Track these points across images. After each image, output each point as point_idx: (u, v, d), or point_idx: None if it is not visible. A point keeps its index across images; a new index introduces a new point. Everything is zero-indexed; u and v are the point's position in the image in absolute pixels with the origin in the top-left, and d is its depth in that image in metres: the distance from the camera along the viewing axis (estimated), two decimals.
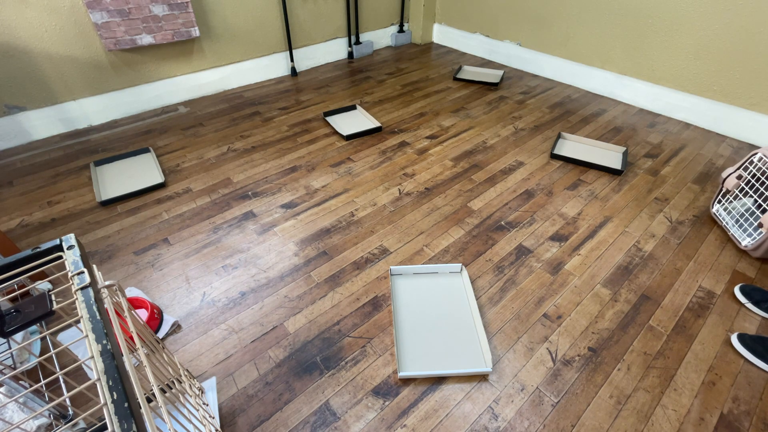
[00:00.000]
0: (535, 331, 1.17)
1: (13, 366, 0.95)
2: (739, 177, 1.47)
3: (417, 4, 3.09)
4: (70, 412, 0.91)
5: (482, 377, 1.06)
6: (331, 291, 1.28)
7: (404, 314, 1.20)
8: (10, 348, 0.96)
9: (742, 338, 1.11)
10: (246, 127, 2.13)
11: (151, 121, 2.19)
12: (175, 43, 2.21)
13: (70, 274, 0.53)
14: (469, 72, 2.76)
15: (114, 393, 0.41)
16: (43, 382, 0.53)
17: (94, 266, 0.64)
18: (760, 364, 1.07)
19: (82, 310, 0.49)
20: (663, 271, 1.35)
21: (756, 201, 1.44)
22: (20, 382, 0.87)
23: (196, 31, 2.18)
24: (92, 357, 0.44)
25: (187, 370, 0.93)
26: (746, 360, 1.09)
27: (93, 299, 0.50)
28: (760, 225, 1.35)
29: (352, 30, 2.93)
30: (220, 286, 1.29)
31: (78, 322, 0.50)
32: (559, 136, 2.01)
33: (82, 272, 0.53)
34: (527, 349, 1.12)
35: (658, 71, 2.19)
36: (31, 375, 1.03)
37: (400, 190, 1.70)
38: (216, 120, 2.20)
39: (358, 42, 2.97)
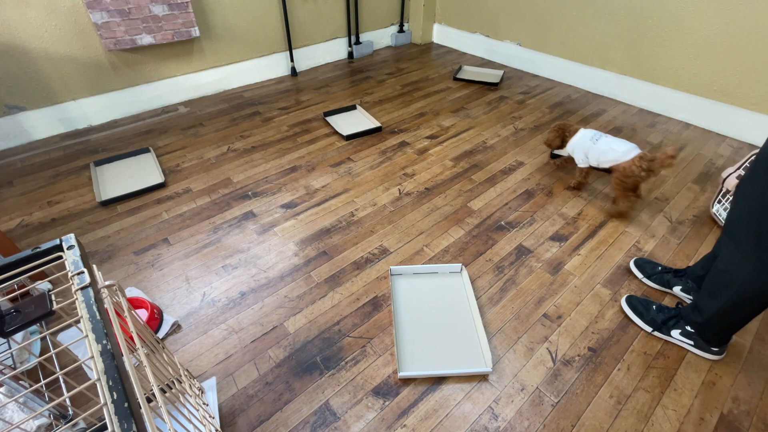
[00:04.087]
0: (535, 331, 1.16)
1: (13, 366, 0.95)
2: (740, 177, 1.47)
3: (417, 4, 3.09)
4: (70, 412, 0.91)
5: (482, 377, 1.06)
6: (331, 291, 1.28)
7: (404, 314, 1.20)
8: (10, 348, 0.96)
9: (629, 300, 1.21)
10: (246, 127, 2.13)
11: (151, 121, 2.19)
12: (175, 43, 2.21)
13: (70, 274, 0.53)
14: (469, 72, 2.76)
15: (114, 393, 0.41)
16: (43, 382, 0.53)
17: (94, 266, 0.64)
18: (638, 322, 1.17)
19: (82, 310, 0.49)
20: None
21: None
22: (20, 382, 0.87)
23: (196, 31, 2.18)
24: (92, 357, 0.44)
25: (187, 370, 0.93)
26: (628, 318, 1.20)
27: (93, 299, 0.50)
28: None
29: (352, 30, 2.93)
30: (220, 286, 1.29)
31: (78, 322, 0.50)
32: None
33: (82, 272, 0.53)
34: (527, 349, 1.12)
35: (658, 71, 2.19)
36: (31, 375, 1.03)
37: (400, 190, 1.70)
38: (216, 120, 2.20)
39: (358, 42, 2.97)
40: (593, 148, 1.53)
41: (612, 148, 1.47)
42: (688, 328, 1.09)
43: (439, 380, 1.05)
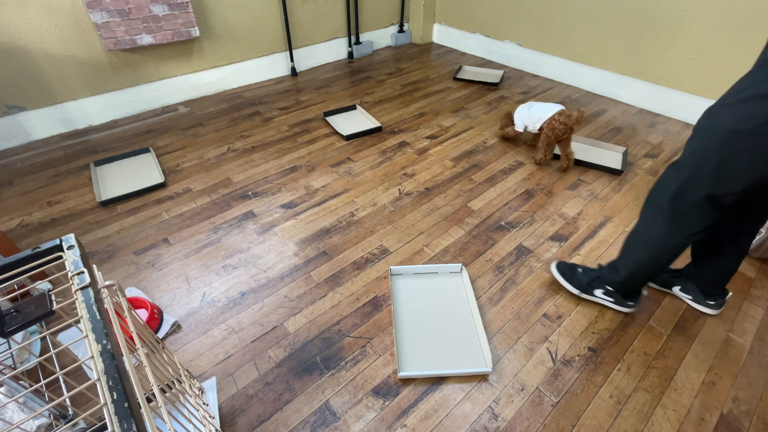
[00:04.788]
0: (535, 331, 1.17)
1: (13, 366, 0.95)
2: None
3: (417, 4, 3.09)
4: (70, 412, 0.91)
5: (482, 377, 1.06)
6: (331, 291, 1.28)
7: (404, 314, 1.20)
8: (10, 348, 0.96)
9: (558, 265, 1.29)
10: (246, 127, 2.13)
11: (151, 121, 2.19)
12: (175, 43, 2.21)
13: (70, 274, 0.53)
14: (469, 72, 2.76)
15: (114, 393, 0.41)
16: (43, 382, 0.53)
17: (94, 266, 0.64)
18: (567, 286, 1.26)
19: (82, 310, 0.49)
20: None
21: None
22: (20, 382, 0.87)
23: (196, 31, 2.18)
24: (92, 357, 0.44)
25: (187, 370, 0.93)
26: (559, 283, 1.28)
27: (93, 299, 0.50)
28: None
29: (352, 30, 2.93)
30: (220, 286, 1.29)
31: (78, 322, 0.50)
32: None
33: (82, 272, 0.53)
34: (527, 349, 1.12)
35: (658, 71, 2.19)
36: (31, 375, 1.04)
37: (400, 190, 1.70)
38: (216, 120, 2.20)
39: (358, 42, 2.97)
40: (528, 115, 1.80)
41: (540, 109, 1.76)
42: (608, 287, 1.18)
43: (439, 380, 1.05)
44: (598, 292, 1.21)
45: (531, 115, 1.78)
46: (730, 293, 1.18)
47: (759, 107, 0.77)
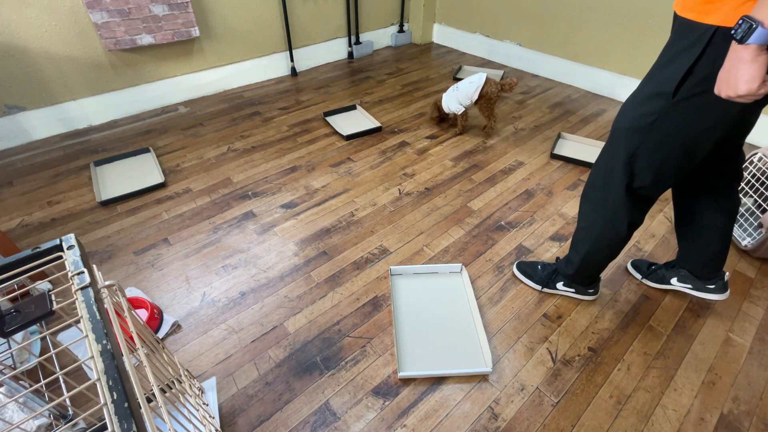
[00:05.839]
0: (535, 331, 1.17)
1: (13, 366, 0.95)
2: None
3: (417, 4, 3.09)
4: (70, 412, 0.91)
5: (482, 377, 1.06)
6: (331, 291, 1.28)
7: (404, 314, 1.20)
8: (10, 348, 0.96)
9: (519, 266, 1.32)
10: (246, 127, 2.13)
11: (151, 121, 2.19)
12: (175, 43, 2.21)
13: (70, 274, 0.53)
14: (469, 72, 2.76)
15: (114, 393, 0.42)
16: (43, 382, 0.53)
17: (94, 266, 0.64)
18: (530, 284, 1.28)
19: (82, 310, 0.49)
20: None
21: (756, 201, 1.44)
22: (20, 382, 0.87)
23: (196, 31, 2.18)
24: (92, 357, 0.44)
25: (187, 370, 0.93)
26: (521, 282, 1.30)
27: (93, 299, 0.50)
28: (760, 225, 1.35)
29: (352, 30, 2.93)
30: (220, 286, 1.29)
31: (78, 322, 0.50)
32: (559, 136, 2.01)
33: (82, 272, 0.53)
34: (527, 349, 1.12)
35: None
36: (31, 375, 1.04)
37: (400, 190, 1.70)
38: (216, 120, 2.20)
39: (358, 42, 2.97)
40: (460, 94, 1.92)
41: (471, 82, 1.89)
42: (565, 279, 1.22)
43: (439, 380, 1.05)
44: (559, 285, 1.24)
45: (464, 93, 1.91)
46: (728, 273, 1.17)
47: (653, 105, 0.80)
